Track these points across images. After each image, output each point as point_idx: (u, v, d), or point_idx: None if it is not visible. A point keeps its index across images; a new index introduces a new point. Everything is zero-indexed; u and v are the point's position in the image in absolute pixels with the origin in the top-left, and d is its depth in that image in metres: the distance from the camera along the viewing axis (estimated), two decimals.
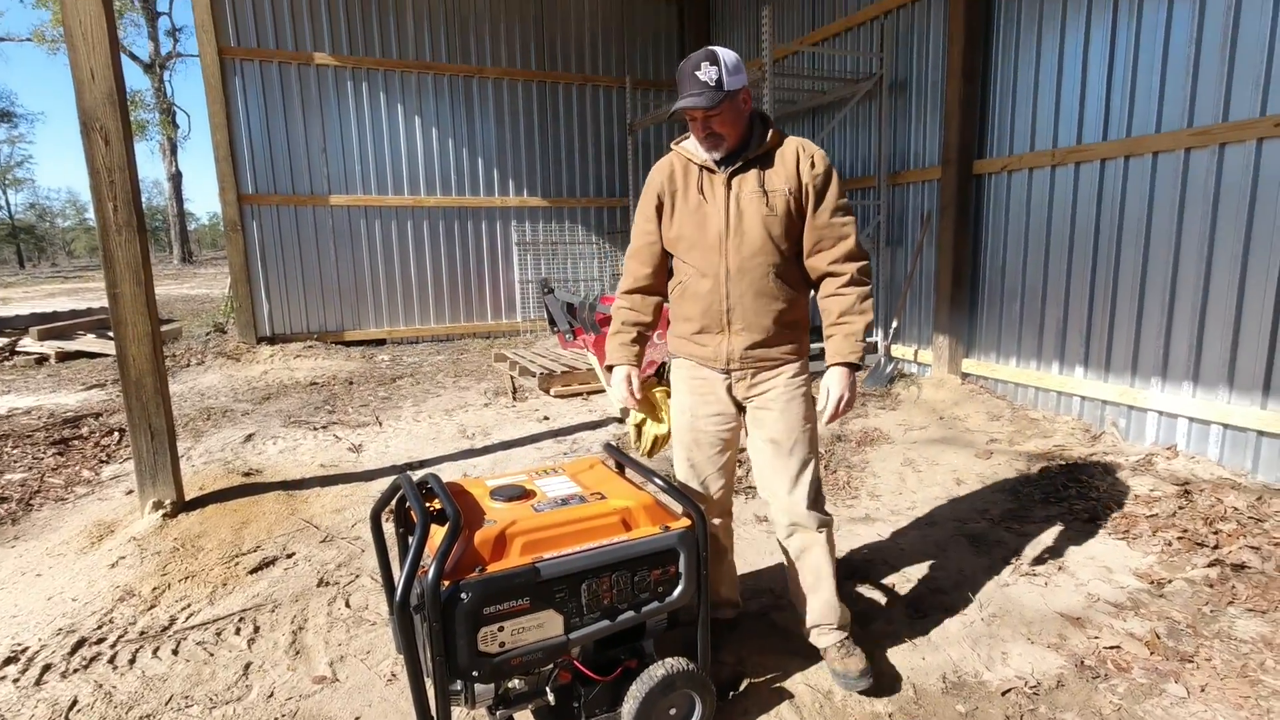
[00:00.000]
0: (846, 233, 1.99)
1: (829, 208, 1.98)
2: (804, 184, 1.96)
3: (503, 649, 1.58)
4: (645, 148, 9.45)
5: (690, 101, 1.89)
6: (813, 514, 2.05)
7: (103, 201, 3.02)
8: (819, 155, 1.99)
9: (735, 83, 1.89)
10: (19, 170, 43.53)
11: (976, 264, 5.47)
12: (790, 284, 2.03)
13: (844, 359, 1.96)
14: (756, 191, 1.96)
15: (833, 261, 1.99)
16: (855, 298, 1.97)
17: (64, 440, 4.81)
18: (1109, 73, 4.37)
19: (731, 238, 1.98)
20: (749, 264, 1.98)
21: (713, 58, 1.88)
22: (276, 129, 7.82)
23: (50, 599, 2.71)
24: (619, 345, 2.19)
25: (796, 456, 2.03)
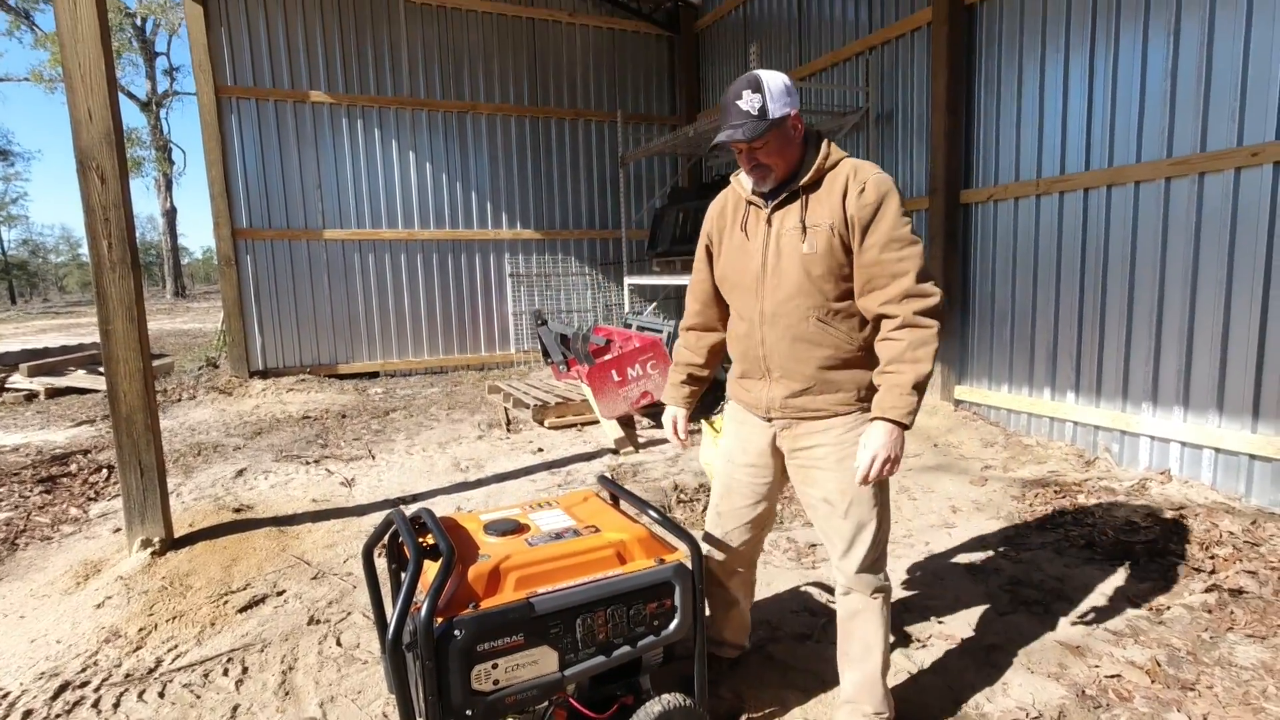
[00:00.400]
0: (903, 269, 1.70)
1: (878, 242, 1.71)
2: (849, 216, 1.72)
3: (497, 687, 1.55)
4: (637, 180, 9.58)
5: (729, 135, 1.73)
6: (864, 578, 1.86)
7: (97, 239, 3.03)
8: (873, 181, 1.72)
9: (782, 109, 1.71)
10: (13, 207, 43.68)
11: (966, 292, 5.53)
12: (842, 328, 1.80)
13: (884, 414, 1.70)
14: (796, 227, 1.77)
15: (885, 302, 1.72)
16: (906, 344, 1.69)
17: (51, 478, 4.75)
18: (1089, 104, 4.48)
19: (769, 279, 1.82)
20: (784, 307, 1.80)
21: (755, 84, 1.72)
22: (272, 165, 7.89)
23: (33, 641, 2.65)
24: (670, 385, 2.14)
25: (852, 519, 1.83)
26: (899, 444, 1.71)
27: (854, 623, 1.91)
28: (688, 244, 7.07)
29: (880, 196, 1.71)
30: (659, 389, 5.30)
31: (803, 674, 2.29)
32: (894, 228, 1.71)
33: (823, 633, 2.55)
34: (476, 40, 8.67)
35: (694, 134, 7.03)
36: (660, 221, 7.96)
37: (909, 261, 1.70)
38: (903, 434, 1.72)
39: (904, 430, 1.71)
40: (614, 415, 5.26)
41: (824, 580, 2.98)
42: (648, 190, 9.69)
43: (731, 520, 2.05)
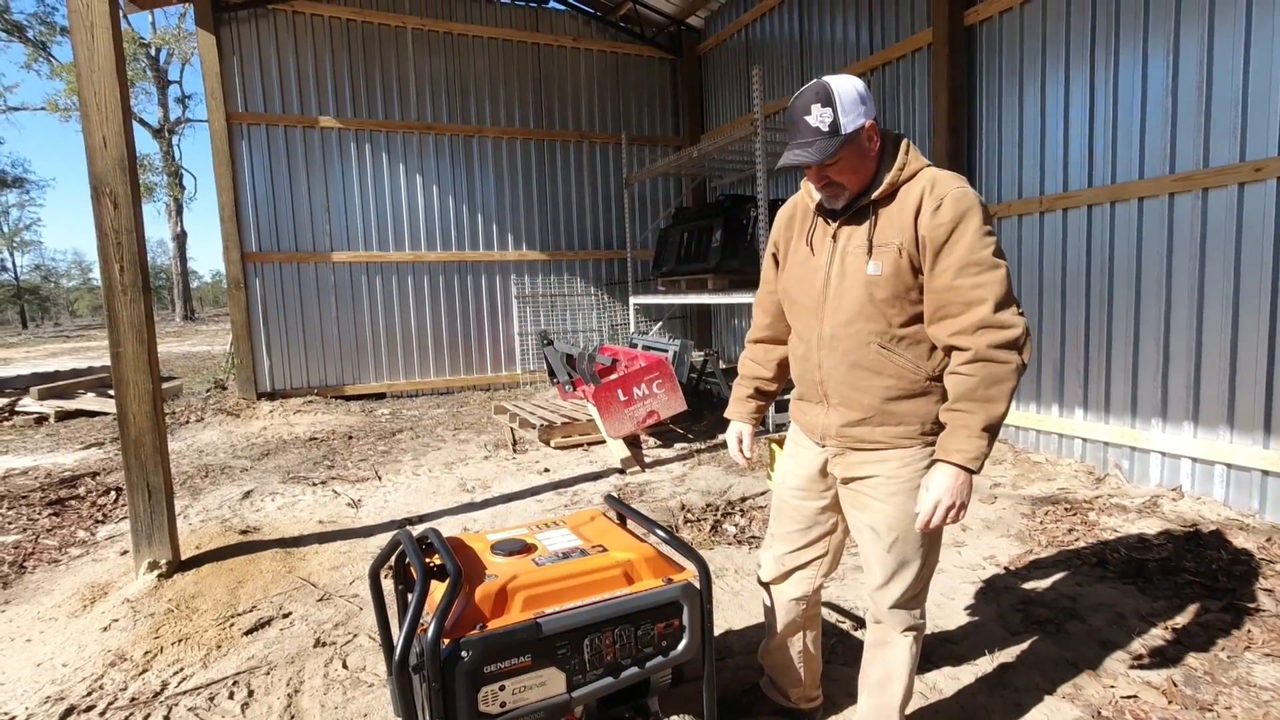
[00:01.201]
0: (979, 296, 1.52)
1: (953, 266, 1.53)
2: (920, 235, 1.57)
3: (504, 709, 1.54)
4: (641, 201, 9.66)
5: (797, 157, 1.58)
6: (898, 613, 1.76)
7: (109, 263, 3.07)
8: (951, 197, 1.54)
9: (855, 120, 1.55)
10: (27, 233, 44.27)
11: None
12: (906, 356, 1.65)
13: (949, 457, 1.55)
14: (862, 245, 1.63)
15: (957, 333, 1.55)
16: (978, 380, 1.52)
17: (60, 500, 4.77)
18: (1090, 122, 4.51)
19: (830, 300, 1.69)
20: (844, 331, 1.67)
21: (825, 95, 1.55)
22: (281, 189, 8.00)
23: (39, 665, 2.65)
24: (734, 400, 2.05)
25: (895, 554, 1.72)
26: (966, 490, 1.56)
27: (878, 651, 1.84)
28: (692, 264, 7.11)
29: (958, 215, 1.53)
30: (665, 408, 5.30)
31: None
32: (971, 250, 1.52)
33: (832, 653, 2.53)
34: (482, 65, 8.81)
35: (697, 155, 7.10)
36: (665, 242, 8.01)
37: (987, 288, 1.52)
38: (970, 479, 1.56)
39: (971, 475, 1.55)
40: (620, 435, 5.25)
41: (836, 601, 2.95)
42: (652, 211, 9.76)
43: (782, 544, 1.94)
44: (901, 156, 1.62)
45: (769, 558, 1.99)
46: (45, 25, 26.19)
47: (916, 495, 1.66)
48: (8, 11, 25.63)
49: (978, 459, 1.53)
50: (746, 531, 3.74)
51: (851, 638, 2.64)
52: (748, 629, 2.72)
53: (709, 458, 5.28)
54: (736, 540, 3.65)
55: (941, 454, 1.57)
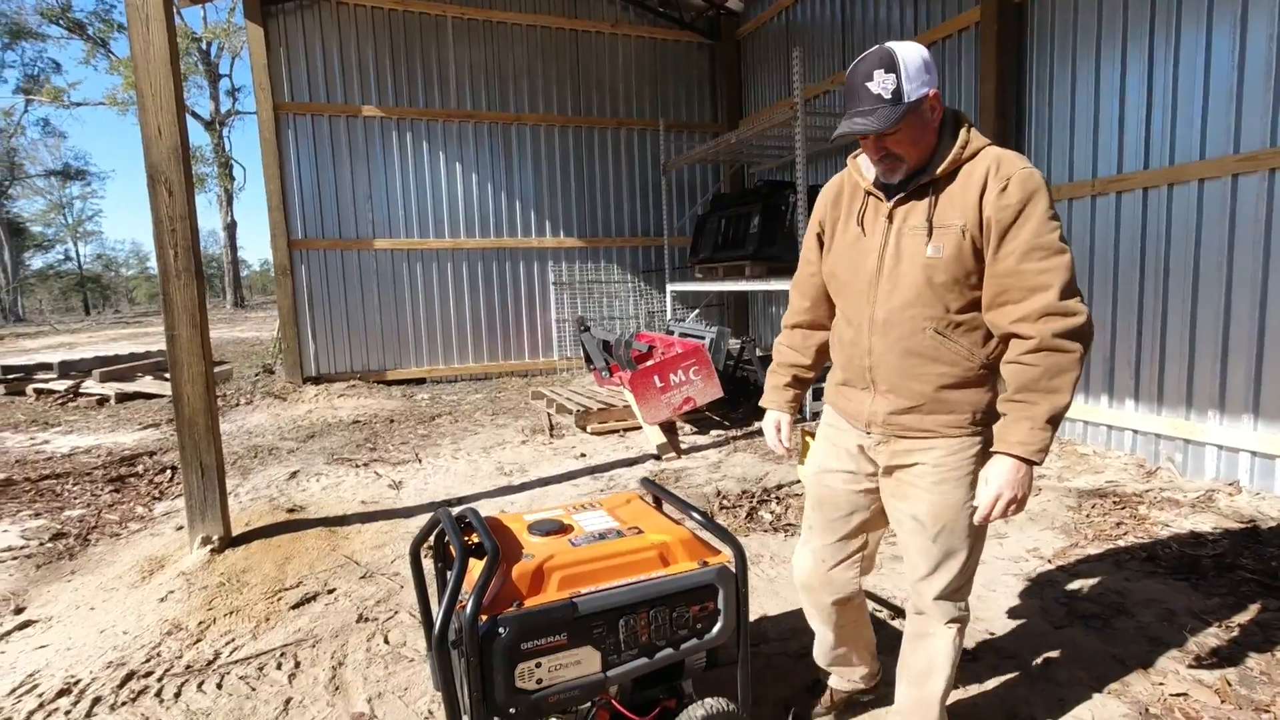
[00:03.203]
0: (1044, 282, 1.45)
1: (1018, 250, 1.47)
2: (985, 217, 1.49)
3: (540, 686, 1.56)
4: (679, 187, 9.61)
5: (857, 125, 1.50)
6: (943, 605, 1.72)
7: (164, 249, 3.19)
8: (1018, 177, 1.47)
9: (920, 89, 1.48)
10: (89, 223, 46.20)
11: None
12: (963, 343, 1.59)
13: (1011, 450, 1.49)
14: (921, 226, 1.56)
15: (1019, 320, 1.48)
16: (1042, 370, 1.46)
17: (120, 478, 4.99)
18: (1148, 102, 4.33)
19: (883, 283, 1.62)
20: (898, 316, 1.60)
21: (889, 61, 1.47)
22: (325, 177, 8.18)
23: (102, 632, 2.78)
24: (771, 388, 1.96)
25: (940, 545, 1.67)
26: (1027, 482, 1.51)
27: (920, 643, 1.78)
28: (729, 250, 7.05)
29: (1026, 196, 1.46)
30: (701, 395, 5.28)
31: None
32: (1038, 234, 1.46)
33: None
34: (521, 53, 8.84)
35: (736, 140, 7.02)
36: (702, 228, 7.96)
37: (1053, 274, 1.45)
38: (1031, 471, 1.51)
39: (1033, 467, 1.50)
40: (656, 421, 5.26)
41: (870, 589, 2.92)
42: (690, 197, 9.71)
43: (822, 535, 1.84)
44: (964, 134, 1.55)
45: (806, 553, 1.90)
46: (104, 22, 27.17)
47: (963, 484, 1.62)
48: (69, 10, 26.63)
49: (1041, 451, 1.48)
50: (782, 519, 3.72)
51: (889, 626, 2.61)
52: (782, 615, 2.72)
53: (745, 444, 5.26)
54: (772, 527, 3.64)
55: (1003, 446, 1.51)
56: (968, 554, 1.68)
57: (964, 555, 1.68)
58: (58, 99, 29.65)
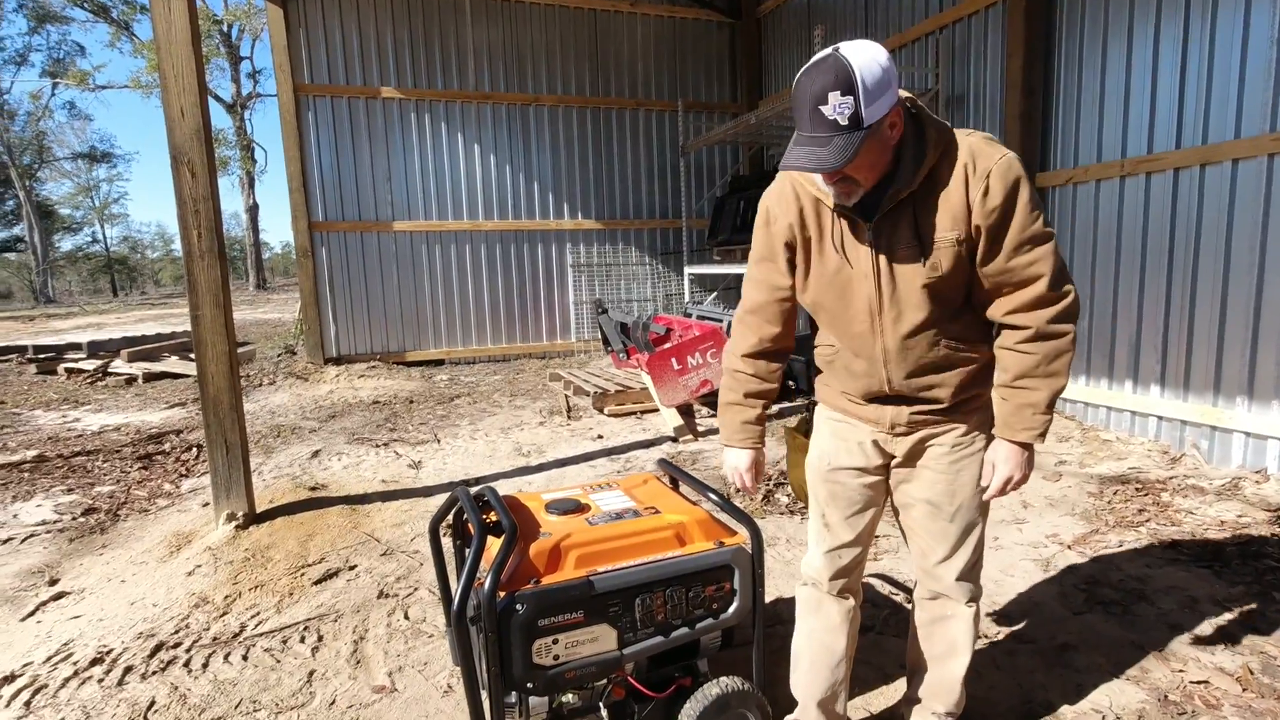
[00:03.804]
0: (1036, 272, 1.43)
1: (1011, 246, 1.43)
2: (974, 224, 1.43)
3: (557, 662, 1.59)
4: (698, 169, 9.53)
5: (809, 159, 1.32)
6: (962, 585, 1.70)
7: (188, 229, 3.22)
8: (997, 172, 1.39)
9: (881, 108, 1.31)
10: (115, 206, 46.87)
11: None
12: (974, 336, 1.58)
13: (1015, 437, 1.52)
14: (912, 245, 1.46)
15: (1012, 311, 1.48)
16: (1040, 357, 1.47)
17: (148, 455, 5.10)
18: (1181, 80, 4.21)
19: (886, 312, 1.52)
20: (912, 341, 1.54)
21: (845, 81, 1.27)
22: (345, 159, 8.21)
23: (133, 604, 2.86)
24: (741, 423, 1.74)
25: (958, 524, 1.66)
26: (1030, 461, 1.57)
27: (939, 626, 1.76)
28: (748, 233, 6.99)
29: (1008, 191, 1.39)
30: (718, 377, 5.28)
31: (864, 665, 2.26)
32: (1024, 227, 1.41)
33: (884, 625, 2.51)
34: (539, 33, 8.78)
35: (755, 121, 6.94)
36: (721, 210, 7.90)
37: (1043, 263, 1.43)
38: (1033, 450, 1.57)
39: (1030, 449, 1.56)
40: (674, 403, 5.27)
41: (886, 573, 2.92)
42: (709, 179, 9.63)
43: (841, 532, 1.75)
44: (934, 135, 1.41)
45: (819, 554, 1.78)
46: (127, 5, 27.34)
47: (977, 462, 1.63)
48: None
49: (1043, 433, 1.52)
50: (798, 502, 3.72)
51: (904, 609, 2.61)
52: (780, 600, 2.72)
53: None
54: (788, 510, 3.64)
55: (1008, 434, 1.53)
56: (981, 531, 1.70)
57: (979, 532, 1.69)
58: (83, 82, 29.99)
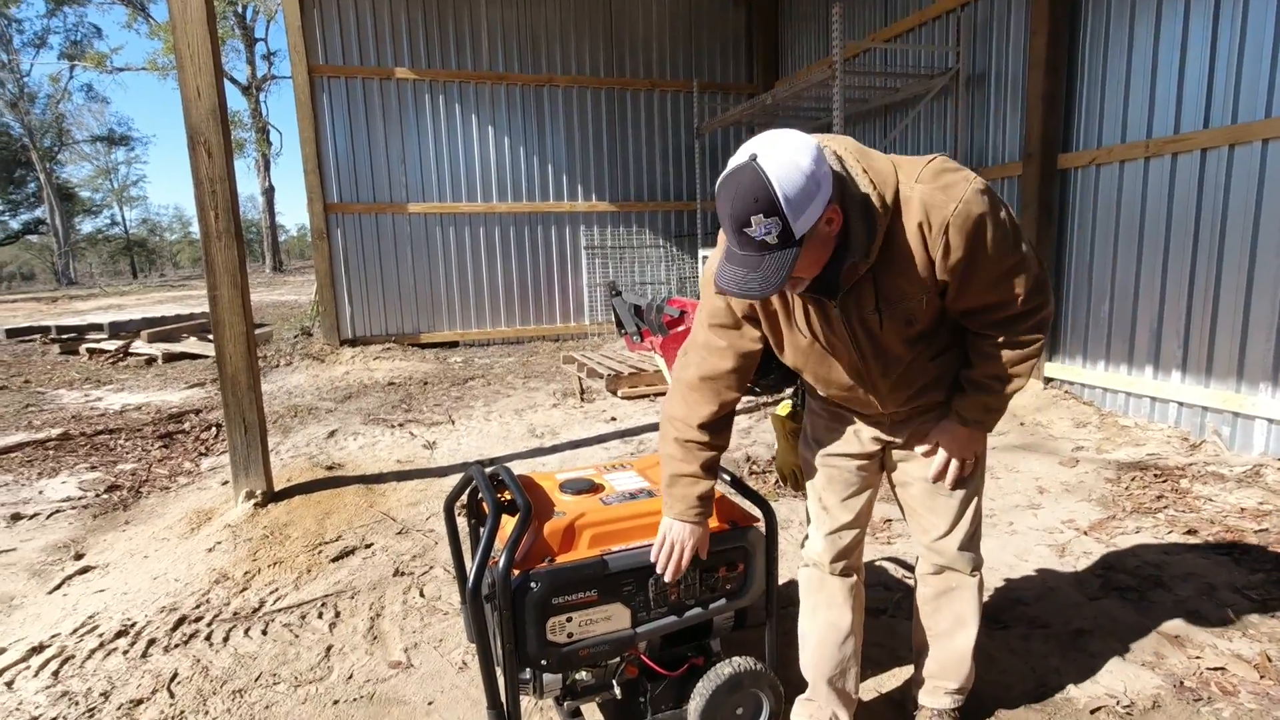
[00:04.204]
0: (1011, 296, 1.39)
1: (981, 286, 1.38)
2: (940, 279, 1.37)
3: (571, 640, 1.60)
4: (712, 151, 9.43)
5: (737, 283, 1.24)
6: (965, 555, 1.71)
7: (205, 210, 3.24)
8: (955, 225, 1.28)
9: (811, 216, 1.20)
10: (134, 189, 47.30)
11: (1061, 264, 5.21)
12: (959, 346, 1.58)
13: (966, 424, 1.56)
14: (883, 311, 1.41)
15: (985, 325, 1.47)
16: (1005, 361, 1.48)
17: (169, 434, 5.17)
18: (1211, 58, 4.09)
19: (872, 368, 1.51)
20: (903, 377, 1.54)
21: (766, 203, 1.16)
22: (360, 141, 8.21)
23: (155, 579, 2.92)
24: (696, 497, 1.58)
25: (957, 497, 1.67)
26: (981, 440, 1.62)
27: (944, 599, 1.76)
28: None
29: (969, 242, 1.30)
30: None
31: (877, 648, 2.26)
32: (994, 264, 1.34)
33: (896, 607, 2.51)
34: (553, 12, 8.69)
35: (772, 102, 6.85)
36: None
37: (1017, 288, 1.38)
38: (984, 435, 1.61)
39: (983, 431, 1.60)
40: None
41: (899, 555, 2.92)
42: (723, 161, 9.50)
43: (836, 516, 1.74)
44: (878, 204, 1.28)
45: (820, 537, 1.78)
46: None
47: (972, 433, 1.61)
48: None
49: (994, 424, 1.59)
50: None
51: None
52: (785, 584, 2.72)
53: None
54: (802, 494, 3.63)
55: (959, 420, 1.57)
56: (979, 501, 1.72)
57: (976, 501, 1.71)
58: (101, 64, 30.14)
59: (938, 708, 1.83)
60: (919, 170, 1.32)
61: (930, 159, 1.34)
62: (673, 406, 1.63)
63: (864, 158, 1.31)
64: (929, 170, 1.32)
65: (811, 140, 1.23)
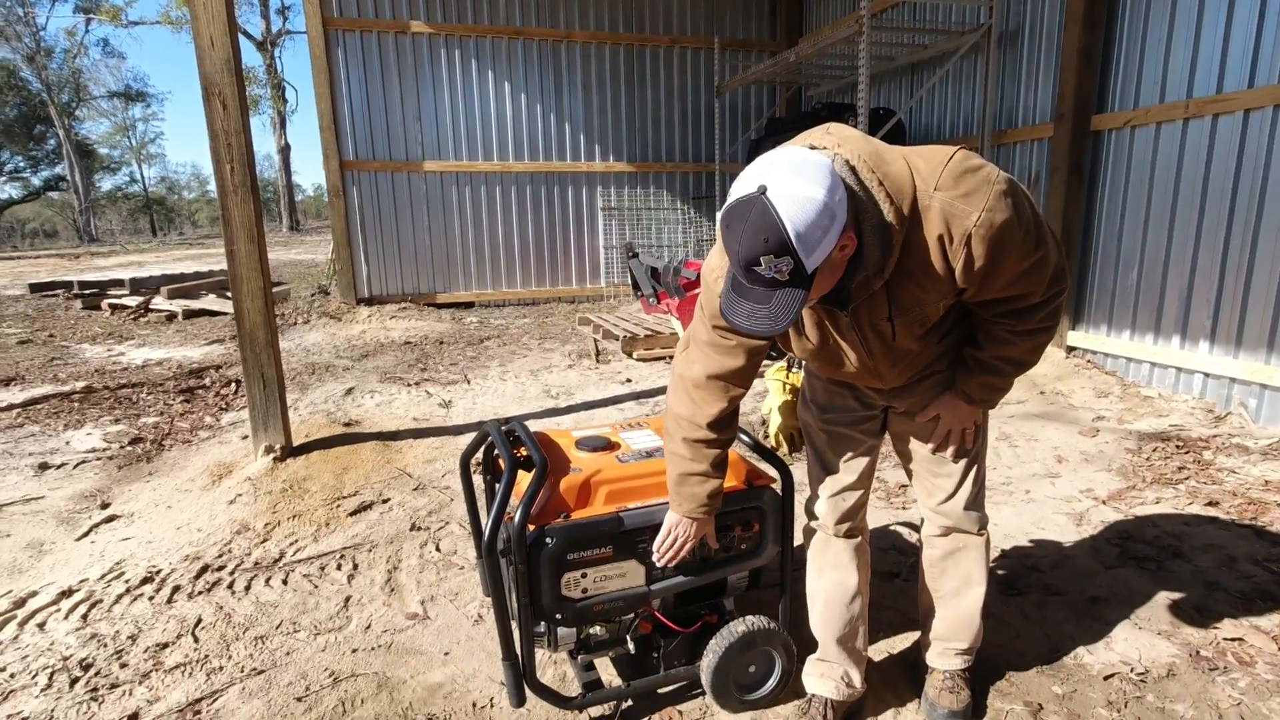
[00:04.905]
0: (1029, 291, 1.36)
1: (1000, 285, 1.32)
2: (960, 286, 1.32)
3: (585, 595, 1.61)
4: (732, 111, 9.23)
5: (747, 319, 1.19)
6: (971, 514, 1.70)
7: (221, 163, 3.22)
8: (977, 236, 1.22)
9: (824, 249, 1.13)
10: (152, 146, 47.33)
11: (1089, 229, 5.08)
12: (965, 321, 1.55)
13: (971, 400, 1.56)
14: (895, 318, 1.38)
15: (1002, 315, 1.43)
16: (1018, 347, 1.46)
17: (190, 389, 5.24)
18: (1261, 10, 3.90)
19: (881, 359, 1.49)
20: (910, 361, 1.53)
21: (777, 244, 1.09)
22: (375, 97, 8.11)
23: (179, 528, 2.98)
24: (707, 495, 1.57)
25: (960, 459, 1.67)
26: (983, 417, 1.66)
27: (951, 560, 1.75)
28: None
29: (991, 250, 1.23)
30: None
31: (889, 611, 2.27)
32: (1020, 261, 1.29)
33: (910, 571, 2.50)
34: None
35: (795, 59, 6.66)
36: (755, 154, 7.66)
37: (1039, 279, 1.35)
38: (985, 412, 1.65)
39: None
40: None
41: (913, 520, 2.91)
42: (743, 122, 9.33)
43: (844, 476, 1.73)
44: (893, 221, 1.20)
45: (823, 499, 1.75)
46: None
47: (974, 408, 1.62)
48: None
49: (998, 402, 1.60)
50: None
51: None
52: None
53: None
54: (801, 457, 3.62)
55: (963, 396, 1.57)
56: (983, 460, 1.73)
57: (981, 461, 1.72)
58: (116, 18, 29.92)
59: (949, 669, 1.83)
60: (938, 174, 1.23)
61: (949, 157, 1.24)
62: (678, 405, 1.57)
63: (879, 165, 1.21)
64: (948, 174, 1.22)
65: (824, 163, 1.14)
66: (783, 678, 1.81)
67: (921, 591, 1.86)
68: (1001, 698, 1.90)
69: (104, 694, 1.98)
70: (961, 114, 6.34)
